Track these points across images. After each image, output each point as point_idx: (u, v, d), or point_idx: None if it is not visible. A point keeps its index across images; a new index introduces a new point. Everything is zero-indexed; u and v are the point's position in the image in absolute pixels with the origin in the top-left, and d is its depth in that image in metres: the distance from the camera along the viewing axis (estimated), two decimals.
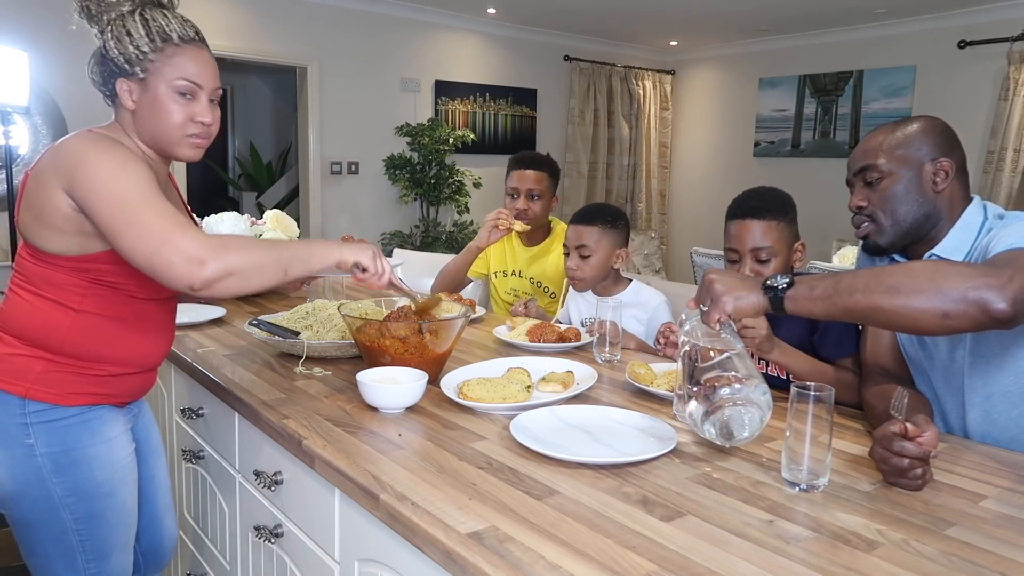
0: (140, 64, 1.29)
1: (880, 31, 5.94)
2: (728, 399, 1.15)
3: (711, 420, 1.16)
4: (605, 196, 7.21)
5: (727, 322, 1.21)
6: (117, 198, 1.18)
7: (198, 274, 1.14)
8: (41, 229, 1.25)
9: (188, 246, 1.14)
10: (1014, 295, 1.03)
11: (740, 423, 1.15)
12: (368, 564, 1.14)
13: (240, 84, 7.99)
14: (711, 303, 1.20)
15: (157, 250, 1.14)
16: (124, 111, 1.34)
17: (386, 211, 5.90)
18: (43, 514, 1.31)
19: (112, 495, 1.36)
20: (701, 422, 1.18)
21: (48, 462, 1.29)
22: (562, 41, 6.76)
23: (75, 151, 1.22)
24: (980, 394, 1.34)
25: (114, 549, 1.38)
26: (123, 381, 1.38)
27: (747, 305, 1.19)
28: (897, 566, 0.87)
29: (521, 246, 2.62)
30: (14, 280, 1.33)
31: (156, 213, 1.17)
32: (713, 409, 1.16)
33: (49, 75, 4.07)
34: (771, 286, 1.18)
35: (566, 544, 0.90)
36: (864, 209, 1.42)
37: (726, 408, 1.15)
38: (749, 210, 1.68)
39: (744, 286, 1.20)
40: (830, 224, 5.82)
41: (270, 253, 1.23)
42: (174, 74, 1.30)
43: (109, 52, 1.29)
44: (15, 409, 1.28)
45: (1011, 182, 5.25)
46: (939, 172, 1.37)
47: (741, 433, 1.16)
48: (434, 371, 1.52)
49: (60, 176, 1.21)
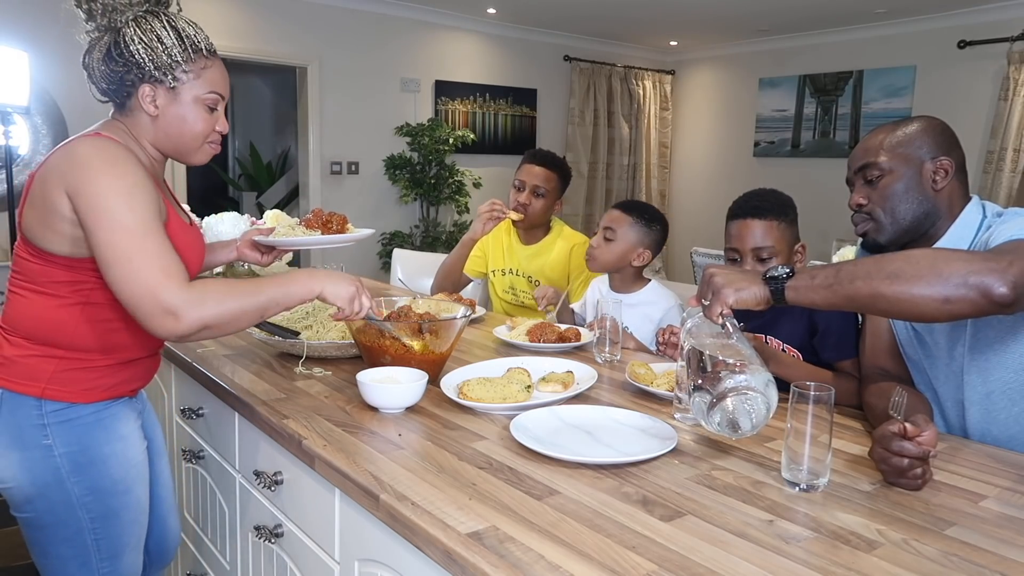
0: (171, 72, 1.30)
1: (880, 31, 5.95)
2: (732, 389, 1.13)
3: (716, 410, 1.14)
4: (605, 196, 7.21)
5: (729, 315, 1.20)
6: (116, 227, 1.18)
7: (173, 328, 1.18)
8: (44, 231, 1.25)
9: (168, 299, 1.16)
10: (1015, 279, 1.04)
11: (745, 413, 1.13)
12: (368, 564, 1.14)
13: (240, 84, 7.98)
14: (712, 297, 1.19)
15: (140, 297, 1.17)
16: (140, 114, 1.33)
17: (386, 211, 5.90)
18: (60, 515, 1.31)
19: (127, 492, 1.37)
20: (706, 413, 1.15)
21: (67, 462, 1.30)
22: (562, 41, 6.76)
23: (85, 162, 1.21)
24: (979, 391, 1.34)
25: (127, 547, 1.39)
26: (132, 367, 1.39)
27: (748, 296, 1.18)
28: (897, 566, 0.87)
29: (520, 244, 2.62)
30: (14, 281, 1.33)
31: (148, 255, 1.18)
32: (718, 398, 1.13)
33: (49, 75, 4.07)
34: (772, 276, 1.18)
35: (566, 544, 0.90)
36: (864, 207, 1.43)
37: (730, 398, 1.12)
38: (750, 210, 1.69)
39: (745, 278, 1.20)
40: (830, 224, 5.82)
41: (247, 299, 1.24)
42: (205, 88, 1.34)
43: (135, 55, 1.28)
44: (32, 411, 1.28)
45: (1011, 182, 5.25)
46: (939, 171, 1.38)
47: (747, 423, 1.13)
48: (434, 371, 1.52)
49: (66, 183, 1.21)
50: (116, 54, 1.29)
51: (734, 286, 1.18)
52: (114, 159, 1.22)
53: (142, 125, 1.34)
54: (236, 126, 8.13)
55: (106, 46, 1.30)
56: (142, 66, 1.28)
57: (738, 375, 1.13)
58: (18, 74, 3.19)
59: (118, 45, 1.29)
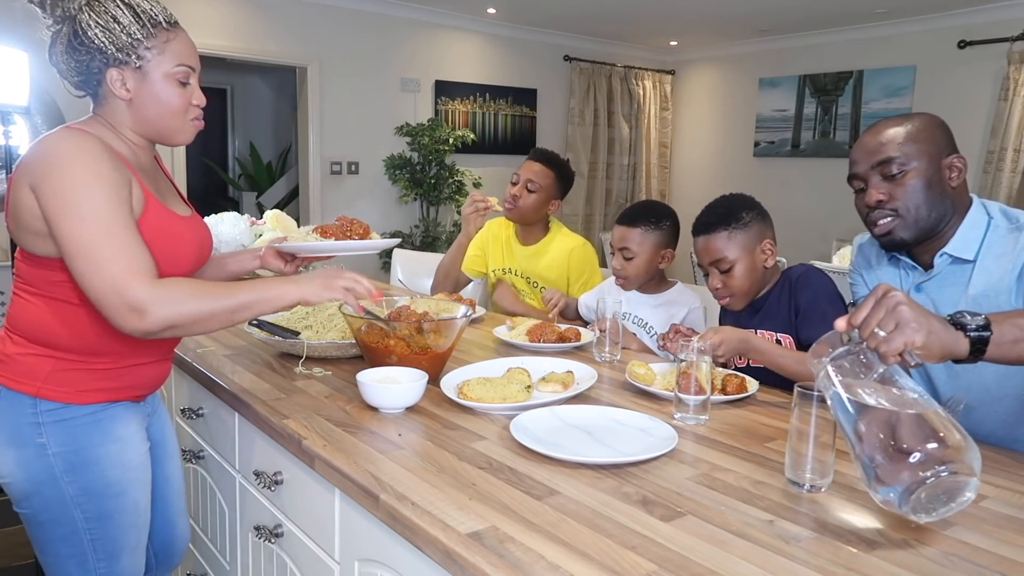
0: (134, 52, 1.26)
1: (880, 31, 5.95)
2: (930, 464, 0.87)
3: (918, 498, 0.88)
4: (605, 196, 7.21)
5: (914, 357, 0.95)
6: (78, 219, 1.15)
7: (138, 325, 1.16)
8: (21, 232, 1.24)
9: (133, 296, 1.14)
10: None
11: (954, 494, 0.89)
12: (368, 564, 1.14)
13: (240, 84, 7.99)
14: (896, 328, 0.95)
15: (104, 292, 1.15)
16: (115, 101, 1.30)
17: (386, 211, 5.90)
18: (55, 513, 1.31)
19: (122, 495, 1.36)
20: (900, 502, 0.89)
21: (60, 461, 1.29)
22: (562, 41, 6.76)
23: (47, 154, 1.19)
24: (951, 388, 1.33)
25: (124, 549, 1.38)
26: (136, 372, 1.38)
27: (937, 344, 0.97)
28: (897, 566, 0.87)
29: (518, 244, 2.63)
30: (15, 284, 1.32)
31: (112, 249, 1.15)
32: (914, 485, 0.87)
33: (49, 75, 4.04)
34: (975, 328, 1.01)
35: (566, 544, 0.90)
36: (885, 203, 1.38)
37: (929, 480, 0.87)
38: (700, 227, 1.75)
39: (937, 319, 1.00)
40: (830, 224, 5.82)
41: (218, 303, 1.22)
42: (173, 62, 1.29)
43: (94, 41, 1.25)
44: (27, 408, 1.28)
45: (1011, 182, 5.25)
46: (953, 168, 1.37)
47: (955, 502, 0.90)
48: (434, 371, 1.52)
49: (29, 178, 1.19)
50: (77, 43, 1.26)
51: (927, 326, 0.96)
52: (78, 150, 1.20)
53: (119, 112, 1.31)
54: (236, 126, 8.14)
55: (66, 37, 1.27)
56: (103, 50, 1.25)
57: (928, 446, 0.88)
58: (18, 74, 3.18)
59: (77, 34, 1.26)
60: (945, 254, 1.39)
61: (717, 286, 1.73)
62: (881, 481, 0.90)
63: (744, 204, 1.75)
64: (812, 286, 1.68)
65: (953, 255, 1.39)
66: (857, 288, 1.61)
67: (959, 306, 1.34)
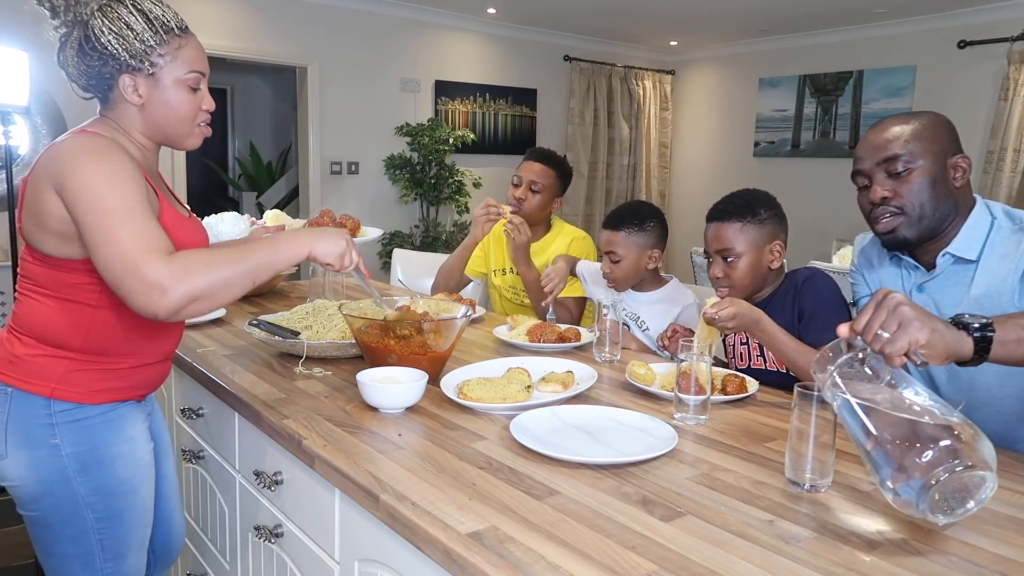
0: (147, 59, 1.27)
1: (880, 31, 5.94)
2: (944, 459, 0.87)
3: (934, 496, 0.87)
4: (605, 196, 7.21)
5: (919, 356, 0.95)
6: (99, 211, 1.16)
7: (162, 303, 1.13)
8: (44, 235, 1.24)
9: (152, 275, 1.12)
10: None
11: (971, 491, 0.89)
12: (368, 564, 1.14)
13: (240, 84, 7.99)
14: (899, 328, 0.95)
15: (123, 276, 1.14)
16: (125, 106, 1.31)
17: (386, 211, 5.90)
18: (65, 514, 1.31)
19: (133, 493, 1.37)
20: (917, 501, 0.88)
21: (74, 462, 1.30)
22: (562, 41, 6.75)
23: (67, 155, 1.21)
24: (954, 387, 1.33)
25: (131, 548, 1.39)
26: (142, 372, 1.39)
27: (941, 341, 0.97)
28: (897, 566, 0.87)
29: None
30: (23, 285, 1.32)
31: (133, 233, 1.15)
32: (930, 482, 0.87)
33: (49, 75, 4.04)
34: (979, 327, 1.01)
35: (566, 544, 0.90)
36: (889, 200, 1.38)
37: (943, 476, 0.87)
38: (715, 213, 1.74)
39: (938, 319, 1.00)
40: (830, 224, 5.83)
41: (237, 266, 1.20)
42: (184, 68, 1.31)
43: (107, 47, 1.25)
44: (40, 410, 1.28)
45: (1011, 182, 5.25)
46: (958, 167, 1.36)
47: (974, 499, 0.90)
48: (434, 371, 1.52)
49: (53, 180, 1.20)
50: (89, 48, 1.26)
51: (930, 324, 0.96)
52: (96, 149, 1.21)
53: (130, 116, 1.32)
54: (236, 126, 8.14)
55: (77, 41, 1.27)
56: (117, 57, 1.26)
57: (941, 444, 0.88)
58: (18, 74, 3.18)
59: (89, 39, 1.26)
60: (948, 254, 1.39)
61: (718, 275, 1.73)
62: (897, 482, 0.90)
63: (764, 201, 1.75)
64: (818, 291, 1.67)
65: (956, 255, 1.38)
66: (858, 288, 1.61)
67: (961, 306, 1.33)
